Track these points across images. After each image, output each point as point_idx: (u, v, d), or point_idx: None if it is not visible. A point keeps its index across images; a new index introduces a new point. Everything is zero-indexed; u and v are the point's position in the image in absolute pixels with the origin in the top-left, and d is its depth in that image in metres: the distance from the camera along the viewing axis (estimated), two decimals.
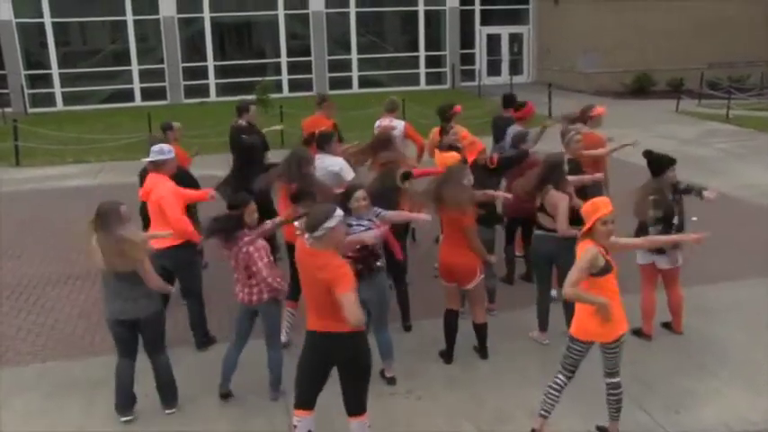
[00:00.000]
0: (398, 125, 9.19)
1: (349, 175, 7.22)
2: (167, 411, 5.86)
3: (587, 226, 4.97)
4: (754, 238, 9.76)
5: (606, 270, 4.97)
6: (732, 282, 8.24)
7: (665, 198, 6.53)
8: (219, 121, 16.82)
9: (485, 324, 6.59)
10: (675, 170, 6.62)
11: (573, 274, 4.90)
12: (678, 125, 19.26)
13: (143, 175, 7.66)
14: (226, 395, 6.03)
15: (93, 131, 19.08)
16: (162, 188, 6.67)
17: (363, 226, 5.77)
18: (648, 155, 6.71)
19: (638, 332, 6.90)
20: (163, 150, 6.79)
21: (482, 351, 6.65)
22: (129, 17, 25.97)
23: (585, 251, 4.93)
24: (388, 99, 9.71)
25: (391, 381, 6.21)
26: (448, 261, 6.33)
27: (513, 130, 8.88)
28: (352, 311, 4.44)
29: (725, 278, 8.31)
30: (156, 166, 6.79)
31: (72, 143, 17.87)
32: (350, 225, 5.62)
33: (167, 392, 5.88)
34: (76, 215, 11.47)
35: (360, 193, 5.85)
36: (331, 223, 4.54)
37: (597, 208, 4.95)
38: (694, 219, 6.34)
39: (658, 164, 6.62)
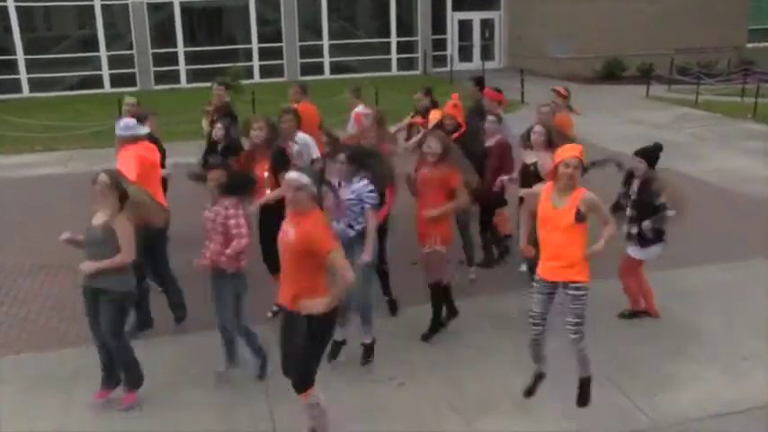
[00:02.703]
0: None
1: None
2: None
3: (552, 167, 5.22)
4: (726, 223, 9.90)
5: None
6: (705, 265, 8.34)
7: (624, 184, 6.81)
8: (190, 107, 16.61)
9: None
10: (636, 162, 6.68)
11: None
12: (649, 110, 19.44)
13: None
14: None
15: (61, 119, 18.76)
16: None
17: (352, 200, 5.94)
18: (642, 152, 6.75)
19: (634, 314, 7.05)
20: (128, 126, 6.89)
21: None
22: (97, 2, 25.53)
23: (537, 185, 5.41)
24: (353, 87, 9.83)
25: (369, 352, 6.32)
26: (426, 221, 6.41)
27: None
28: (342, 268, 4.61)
29: (698, 262, 8.39)
30: (127, 141, 6.82)
31: (40, 131, 17.55)
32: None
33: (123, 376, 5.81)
34: (47, 204, 11.34)
35: (341, 156, 5.97)
36: (303, 180, 4.61)
37: (565, 150, 5.22)
38: (671, 213, 6.44)
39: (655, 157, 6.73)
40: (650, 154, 6.66)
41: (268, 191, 6.78)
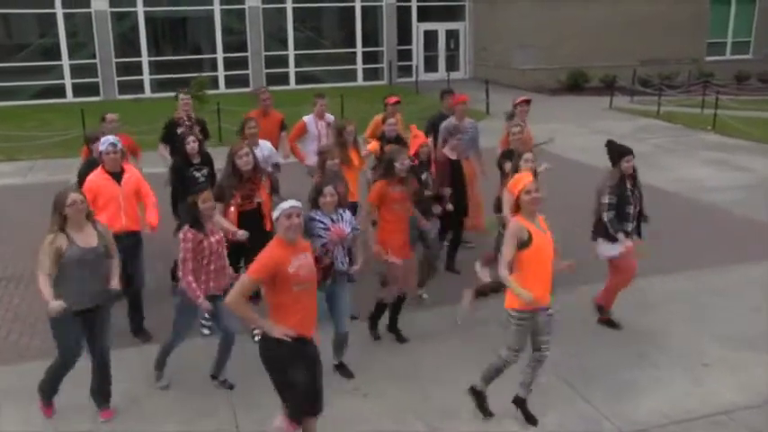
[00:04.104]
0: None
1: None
2: None
3: (514, 200, 5.19)
4: (689, 232, 10.08)
5: (527, 243, 5.07)
6: (667, 274, 8.45)
7: (620, 186, 6.76)
8: (155, 117, 16.43)
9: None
10: (632, 161, 6.79)
11: (503, 252, 5.12)
12: (612, 121, 19.73)
13: (83, 172, 7.45)
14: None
15: (22, 128, 18.43)
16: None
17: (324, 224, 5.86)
18: (609, 144, 6.92)
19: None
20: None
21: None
22: (59, 10, 25.15)
23: (509, 226, 5.20)
24: (318, 93, 9.75)
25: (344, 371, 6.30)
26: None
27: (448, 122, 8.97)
28: (232, 292, 4.56)
29: (661, 271, 8.48)
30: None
31: (1, 140, 17.21)
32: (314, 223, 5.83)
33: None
34: (7, 214, 11.13)
35: (329, 189, 5.88)
36: (274, 214, 4.63)
37: (518, 181, 5.20)
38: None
39: (616, 153, 6.83)
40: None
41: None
